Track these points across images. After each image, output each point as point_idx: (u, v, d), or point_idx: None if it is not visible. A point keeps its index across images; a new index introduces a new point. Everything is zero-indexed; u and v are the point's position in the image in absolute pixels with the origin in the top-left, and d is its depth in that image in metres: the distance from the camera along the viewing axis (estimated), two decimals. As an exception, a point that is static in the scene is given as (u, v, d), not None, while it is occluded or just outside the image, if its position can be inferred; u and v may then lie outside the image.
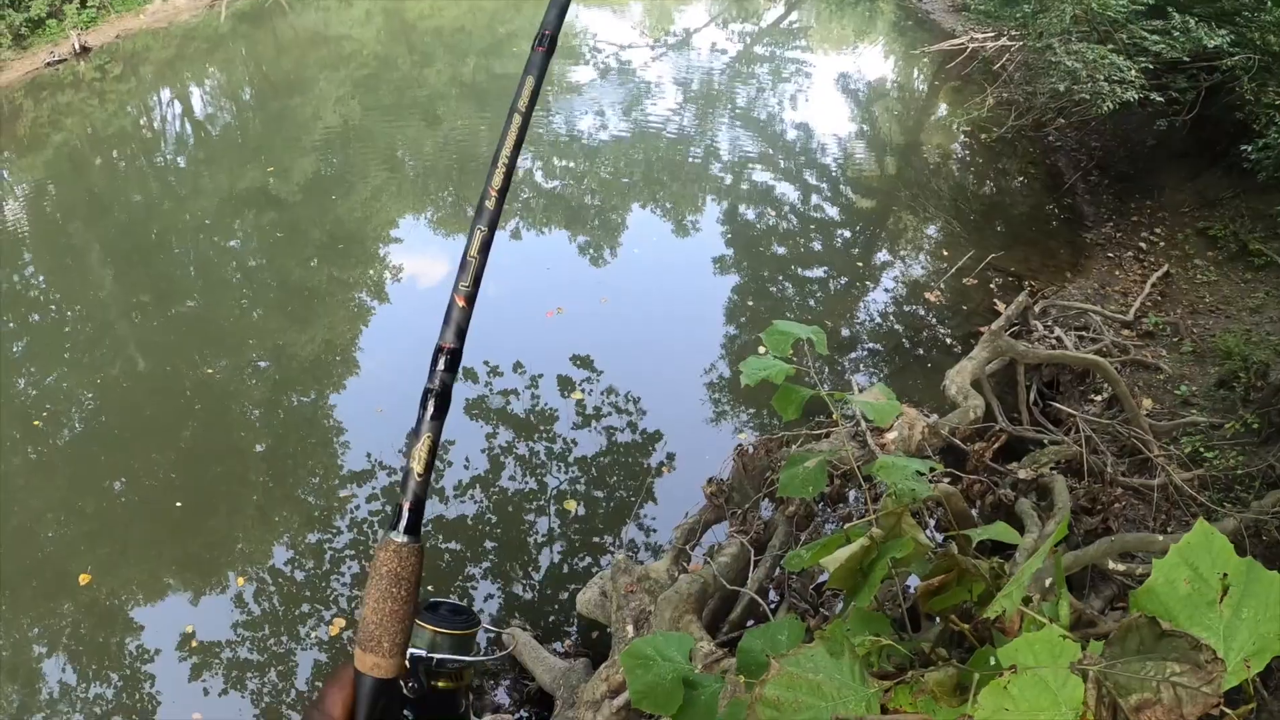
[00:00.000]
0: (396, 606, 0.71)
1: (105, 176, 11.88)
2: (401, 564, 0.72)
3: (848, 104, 12.38)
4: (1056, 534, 1.72)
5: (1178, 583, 1.34)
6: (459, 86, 13.30)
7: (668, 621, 3.25)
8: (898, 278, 7.91)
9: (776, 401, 2.21)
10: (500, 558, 5.55)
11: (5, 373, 7.94)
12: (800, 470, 2.19)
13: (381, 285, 8.62)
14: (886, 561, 1.81)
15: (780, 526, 3.85)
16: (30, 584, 5.76)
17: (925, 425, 3.87)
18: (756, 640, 1.82)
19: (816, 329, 2.21)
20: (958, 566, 1.84)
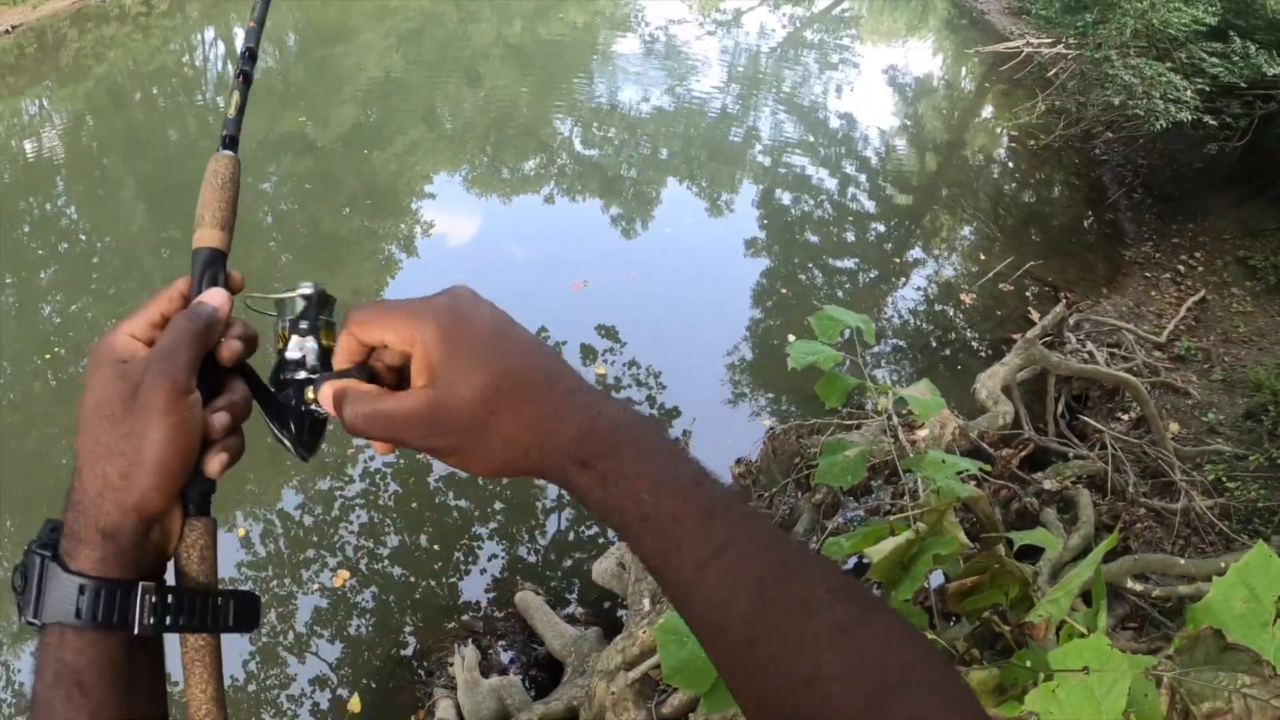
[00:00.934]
0: (215, 191, 0.83)
1: (144, 112, 11.88)
2: (218, 165, 0.84)
3: (893, 98, 12.26)
4: (1106, 545, 1.69)
5: (1234, 601, 1.35)
6: (503, 47, 13.22)
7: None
8: (931, 276, 7.84)
9: (821, 387, 2.19)
10: (508, 520, 5.56)
11: (31, 298, 7.97)
12: (840, 459, 2.17)
13: (411, 239, 8.60)
14: (929, 557, 1.80)
15: (806, 513, 3.83)
16: (41, 508, 5.78)
17: (956, 426, 3.84)
18: None
19: (865, 318, 2.18)
20: (992, 568, 1.82)
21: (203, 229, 0.82)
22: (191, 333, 0.72)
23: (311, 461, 4.15)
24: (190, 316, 0.73)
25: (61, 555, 0.66)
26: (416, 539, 5.46)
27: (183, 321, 0.72)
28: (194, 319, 0.73)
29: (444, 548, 5.38)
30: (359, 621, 5.02)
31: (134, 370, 0.69)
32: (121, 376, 0.69)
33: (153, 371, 0.69)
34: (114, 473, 0.67)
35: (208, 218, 0.82)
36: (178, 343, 0.71)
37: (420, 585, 5.21)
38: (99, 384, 0.69)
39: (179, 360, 0.70)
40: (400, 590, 5.17)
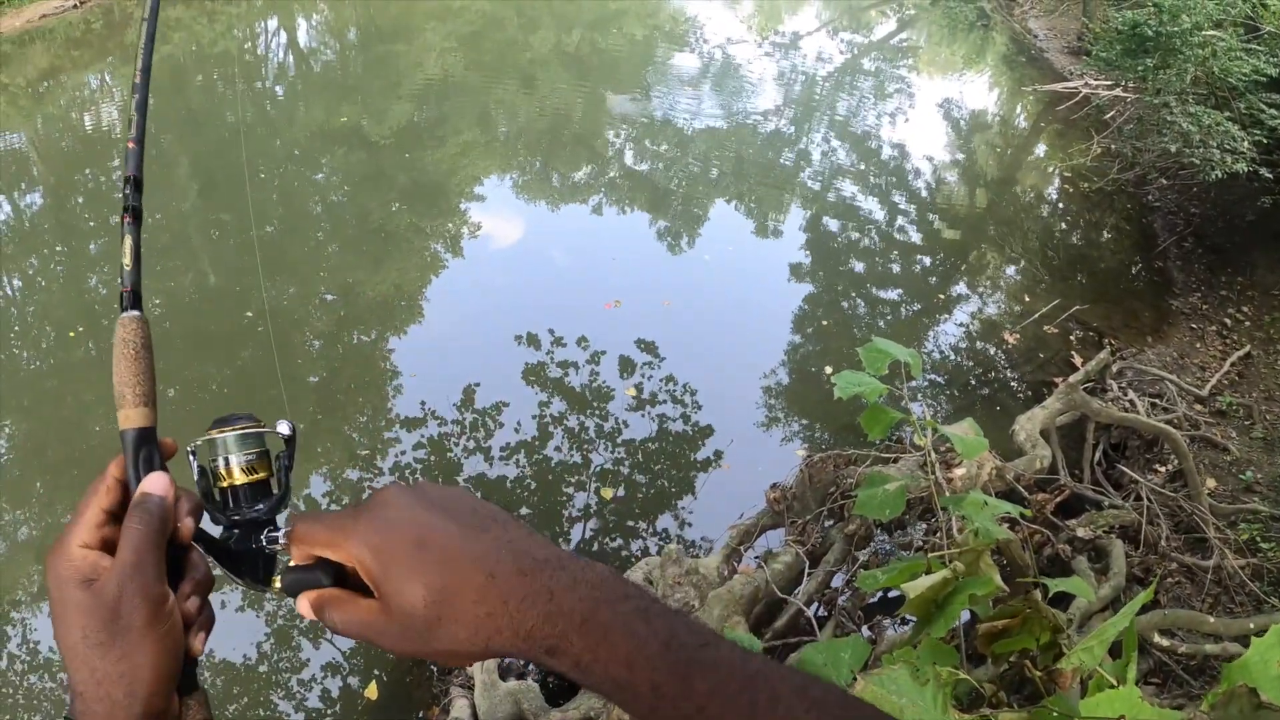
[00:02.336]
0: (130, 363, 0.81)
1: (203, 94, 12.08)
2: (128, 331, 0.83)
3: (946, 130, 12.21)
4: (1142, 598, 1.69)
5: (1271, 663, 1.35)
6: (561, 56, 13.32)
7: (715, 619, 3.23)
8: (974, 314, 7.78)
9: (865, 419, 2.20)
10: (533, 524, 5.54)
11: (78, 268, 8.12)
12: (880, 492, 2.18)
13: (457, 239, 8.67)
14: (965, 597, 1.80)
15: (838, 543, 3.81)
16: (72, 473, 5.90)
17: (994, 466, 3.82)
18: (819, 655, 1.82)
19: (913, 353, 2.18)
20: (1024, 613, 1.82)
21: (126, 409, 0.80)
22: (150, 536, 0.72)
23: (341, 452, 4.21)
24: (141, 517, 0.73)
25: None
26: (439, 536, 5.50)
27: (136, 525, 0.73)
28: (146, 519, 0.73)
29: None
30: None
31: (106, 591, 0.70)
32: (95, 600, 0.69)
33: (128, 591, 0.70)
34: (119, 693, 0.69)
35: (129, 396, 0.80)
36: (140, 551, 0.71)
37: (440, 585, 5.23)
38: (76, 613, 0.69)
39: (147, 571, 0.71)
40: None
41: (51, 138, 10.99)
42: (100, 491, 0.76)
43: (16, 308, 7.71)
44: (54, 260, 8.35)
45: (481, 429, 6.20)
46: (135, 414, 0.80)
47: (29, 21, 12.95)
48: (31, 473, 5.98)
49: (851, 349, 6.95)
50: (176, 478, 0.79)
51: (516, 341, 6.90)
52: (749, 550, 4.23)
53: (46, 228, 8.94)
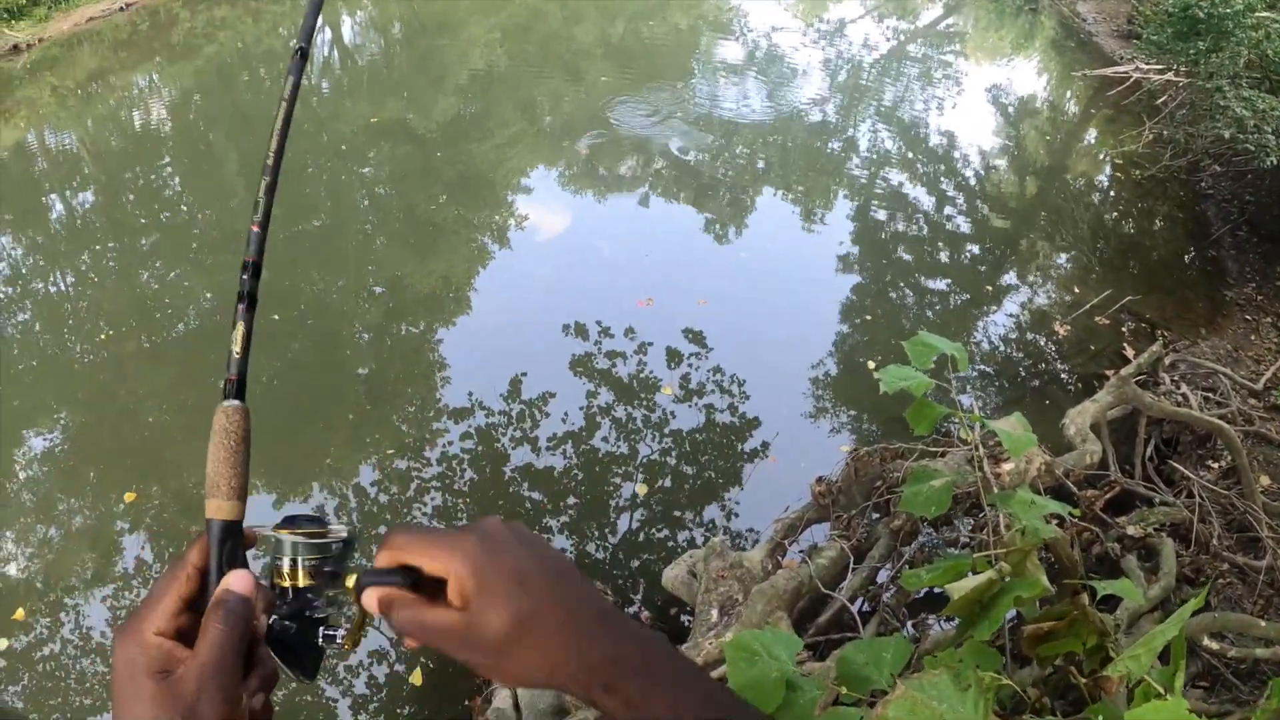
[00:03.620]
0: (228, 455, 0.82)
1: (250, 92, 12.25)
2: (229, 421, 0.83)
3: (994, 117, 12.04)
4: (1193, 603, 1.66)
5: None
6: (605, 47, 13.32)
7: (759, 614, 3.23)
8: (1024, 304, 7.68)
9: (911, 414, 2.18)
10: (580, 515, 5.60)
11: (129, 264, 8.29)
12: (925, 488, 2.16)
13: (504, 231, 8.72)
14: (1010, 599, 1.78)
15: (883, 538, 3.79)
16: (124, 462, 6.04)
17: (1043, 462, 3.77)
18: (860, 653, 1.81)
19: (960, 346, 2.15)
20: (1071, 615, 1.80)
21: (218, 499, 0.80)
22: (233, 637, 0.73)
23: (390, 442, 4.28)
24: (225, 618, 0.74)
25: None
26: (486, 526, 5.55)
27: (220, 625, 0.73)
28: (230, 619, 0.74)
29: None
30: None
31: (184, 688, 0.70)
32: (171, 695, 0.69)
33: (208, 692, 0.70)
34: None
35: (223, 488, 0.81)
36: (223, 652, 0.72)
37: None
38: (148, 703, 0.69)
39: (227, 672, 0.72)
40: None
41: (101, 137, 11.21)
42: (180, 579, 0.76)
43: (70, 303, 7.90)
44: (105, 256, 8.52)
45: (529, 419, 6.25)
46: (227, 506, 0.80)
47: (76, 25, 13.21)
48: (85, 463, 6.13)
49: (899, 340, 6.91)
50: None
51: (564, 332, 6.94)
52: (793, 544, 4.23)
53: (98, 225, 9.13)
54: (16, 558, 5.59)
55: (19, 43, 12.53)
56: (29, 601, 5.26)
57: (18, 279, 8.29)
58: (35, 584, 5.36)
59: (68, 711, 4.71)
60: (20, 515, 5.83)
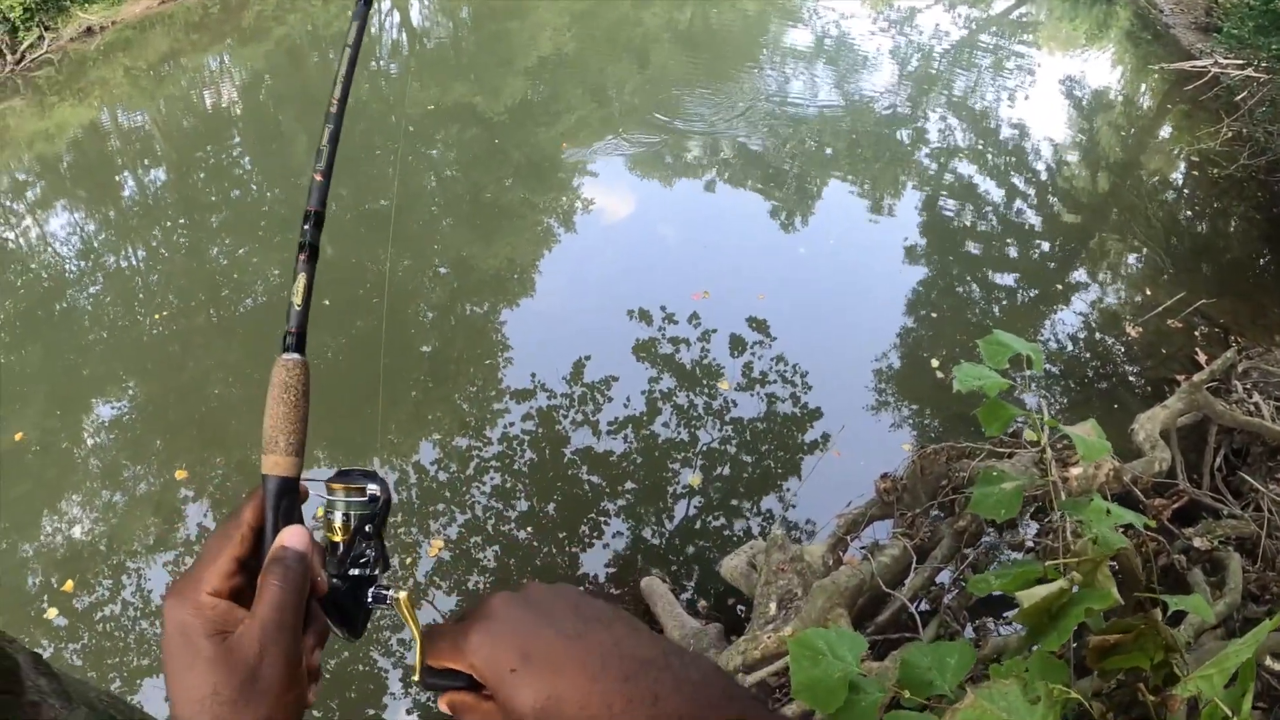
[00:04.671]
0: (287, 410, 0.79)
1: (319, 73, 12.42)
2: (289, 374, 0.80)
3: (1067, 110, 11.78)
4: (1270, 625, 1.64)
5: None
6: (673, 32, 13.29)
7: (818, 610, 3.23)
8: (1093, 303, 7.52)
9: (983, 414, 2.15)
10: (638, 499, 5.64)
11: (199, 240, 8.49)
12: (995, 491, 2.13)
13: (570, 214, 8.77)
14: (1081, 610, 1.76)
15: (947, 538, 3.76)
16: (190, 432, 6.21)
17: (1111, 467, 3.72)
18: (924, 656, 1.79)
19: (1035, 347, 2.13)
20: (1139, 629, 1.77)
21: (275, 455, 0.78)
22: (294, 598, 0.72)
23: (451, 421, 4.35)
24: (284, 575, 0.72)
25: None
26: (545, 507, 5.60)
27: (279, 582, 0.71)
28: (289, 576, 0.72)
29: (571, 519, 5.50)
30: (478, 578, 5.20)
31: (245, 649, 0.68)
32: (231, 657, 0.68)
33: (271, 652, 0.69)
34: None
35: (282, 443, 0.79)
36: (284, 612, 0.70)
37: (543, 551, 5.34)
38: (205, 666, 0.67)
39: (290, 632, 0.70)
40: (523, 554, 5.32)
41: (173, 117, 11.46)
42: (234, 538, 0.74)
43: (141, 276, 8.12)
44: (176, 232, 8.73)
45: (590, 402, 6.30)
46: (284, 462, 0.78)
47: (149, 8, 13.49)
48: (151, 432, 6.31)
49: (965, 335, 6.87)
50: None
51: (629, 317, 6.97)
52: (855, 540, 4.22)
53: (169, 202, 9.36)
54: (81, 521, 5.79)
55: (93, 25, 12.83)
56: (92, 563, 5.46)
57: (90, 253, 8.54)
58: (99, 547, 5.55)
59: (124, 671, 4.87)
60: (87, 480, 6.03)
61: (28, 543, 5.67)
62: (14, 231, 9.28)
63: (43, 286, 8.16)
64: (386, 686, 4.74)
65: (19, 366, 7.09)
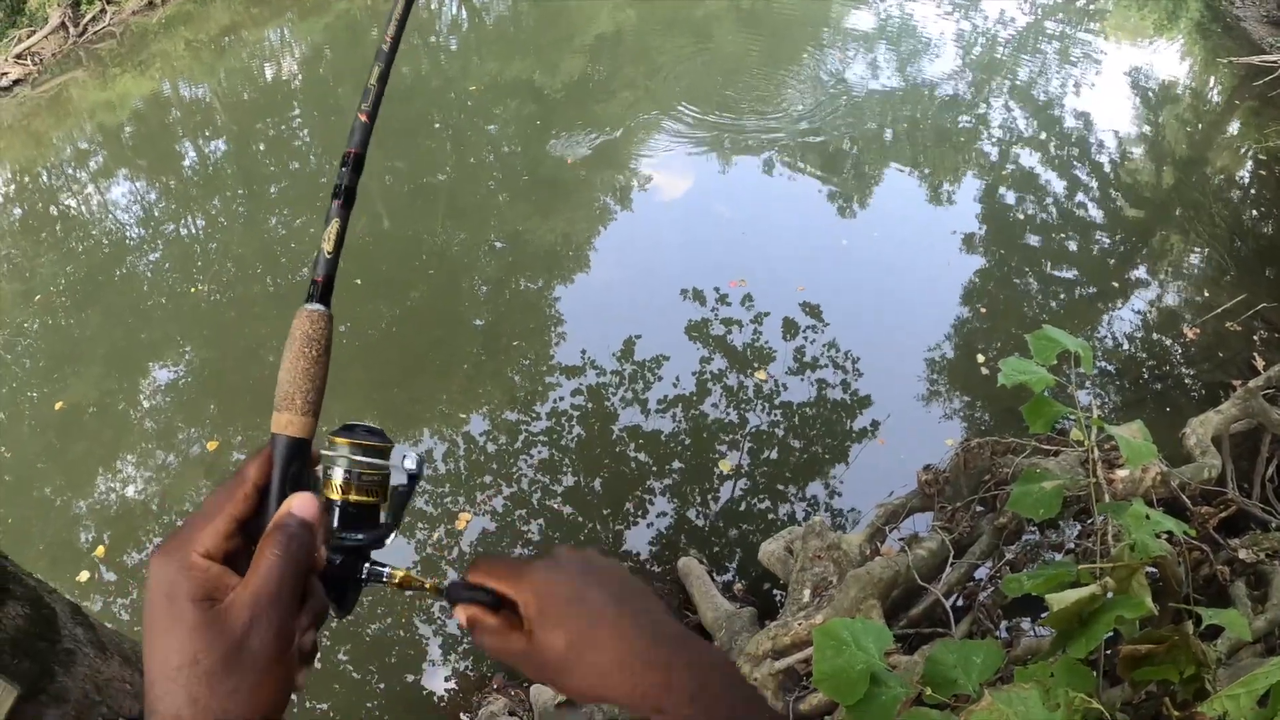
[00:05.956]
0: (308, 365, 0.74)
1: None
2: (313, 327, 0.75)
3: (1133, 102, 11.50)
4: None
5: None
6: (736, 11, 13.17)
7: (851, 599, 3.26)
8: (1152, 302, 7.38)
9: (1028, 410, 2.15)
10: (683, 479, 5.69)
11: (257, 210, 8.65)
12: (1035, 489, 2.13)
13: (627, 192, 8.79)
14: (1112, 617, 1.76)
15: (985, 535, 3.76)
16: (245, 399, 6.38)
17: (1159, 472, 3.69)
18: (950, 654, 1.79)
19: (1084, 344, 2.11)
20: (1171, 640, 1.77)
21: (290, 413, 0.73)
22: (293, 569, 0.67)
23: (501, 395, 4.44)
24: (286, 544, 0.67)
25: None
26: (591, 483, 5.68)
27: (279, 551, 0.67)
28: (291, 545, 0.67)
29: (616, 496, 5.56)
30: (521, 551, 5.28)
31: (234, 618, 0.64)
32: (218, 625, 0.63)
33: (261, 625, 0.64)
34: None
35: (298, 401, 0.73)
36: (281, 583, 0.66)
37: (586, 527, 5.41)
38: (189, 633, 0.63)
39: (284, 606, 0.66)
40: (567, 528, 5.40)
41: (234, 89, 11.63)
42: (236, 497, 0.70)
43: (199, 244, 8.31)
44: (235, 202, 8.91)
45: (640, 381, 6.35)
46: (299, 422, 0.73)
47: (211, -19, 13.66)
48: (206, 396, 6.49)
49: (1019, 329, 6.80)
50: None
51: (682, 296, 6.99)
52: (894, 531, 4.23)
53: (228, 172, 9.53)
54: (135, 480, 5.97)
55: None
56: (144, 521, 5.64)
57: (150, 221, 8.75)
58: (150, 506, 5.73)
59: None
60: (142, 441, 6.22)
61: (81, 500, 5.88)
62: (76, 199, 9.54)
63: (103, 252, 8.38)
64: (426, 653, 4.85)
65: (79, 330, 7.32)
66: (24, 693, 1.94)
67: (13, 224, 9.13)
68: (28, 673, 2.01)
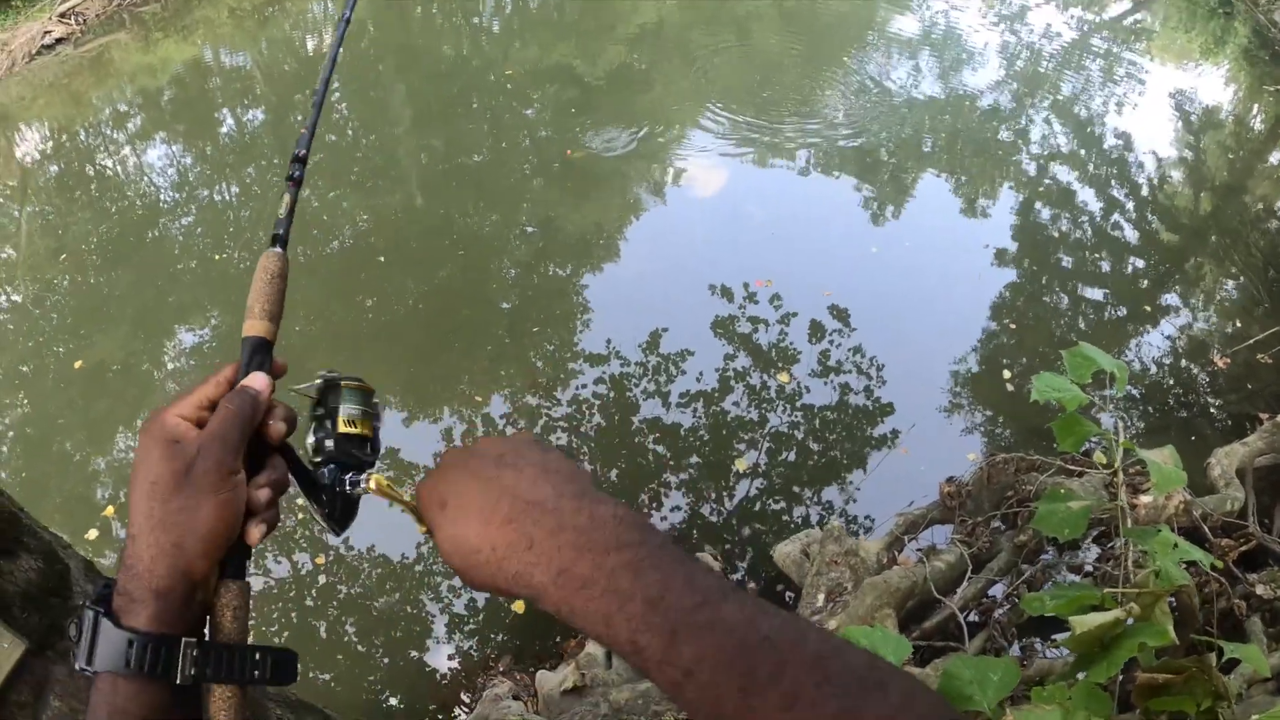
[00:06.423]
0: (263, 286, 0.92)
1: (423, 26, 12.55)
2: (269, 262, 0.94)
3: (1174, 124, 11.40)
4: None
5: None
6: (778, 9, 13.13)
7: (867, 607, 3.26)
8: (1182, 328, 7.30)
9: (1059, 428, 2.11)
10: (700, 474, 5.68)
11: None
12: (1061, 509, 2.11)
13: (661, 186, 8.78)
14: (1135, 644, 1.74)
15: (1005, 551, 3.74)
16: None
17: (1182, 500, 3.66)
18: (966, 669, 1.78)
19: (1121, 365, 2.09)
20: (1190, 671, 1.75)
21: (252, 320, 0.92)
22: (237, 416, 0.82)
23: (523, 379, 4.46)
24: (236, 400, 0.83)
25: (115, 612, 0.73)
26: (608, 472, 5.67)
27: (230, 405, 0.82)
28: (239, 403, 0.83)
29: (632, 487, 5.56)
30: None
31: (186, 450, 0.78)
32: (174, 456, 0.77)
33: (204, 453, 0.78)
34: (167, 542, 0.74)
35: (257, 309, 0.92)
36: (226, 425, 0.80)
37: (598, 515, 5.41)
38: (152, 462, 0.77)
39: (228, 443, 0.79)
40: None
41: (274, 59, 11.68)
42: (210, 382, 0.86)
43: (232, 211, 8.36)
44: (270, 171, 8.95)
45: (663, 373, 6.34)
46: (258, 325, 0.91)
47: (256, -50, 13.68)
48: (230, 362, 6.51)
49: (1045, 346, 6.76)
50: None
51: (711, 292, 6.98)
52: (913, 541, 4.21)
53: (265, 141, 9.58)
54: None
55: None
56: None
57: (184, 185, 8.80)
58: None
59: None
60: (164, 402, 6.25)
61: (100, 457, 5.94)
62: (113, 160, 9.60)
63: (136, 214, 8.45)
64: (431, 630, 4.88)
65: (107, 289, 7.37)
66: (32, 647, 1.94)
67: (48, 181, 9.21)
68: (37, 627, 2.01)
